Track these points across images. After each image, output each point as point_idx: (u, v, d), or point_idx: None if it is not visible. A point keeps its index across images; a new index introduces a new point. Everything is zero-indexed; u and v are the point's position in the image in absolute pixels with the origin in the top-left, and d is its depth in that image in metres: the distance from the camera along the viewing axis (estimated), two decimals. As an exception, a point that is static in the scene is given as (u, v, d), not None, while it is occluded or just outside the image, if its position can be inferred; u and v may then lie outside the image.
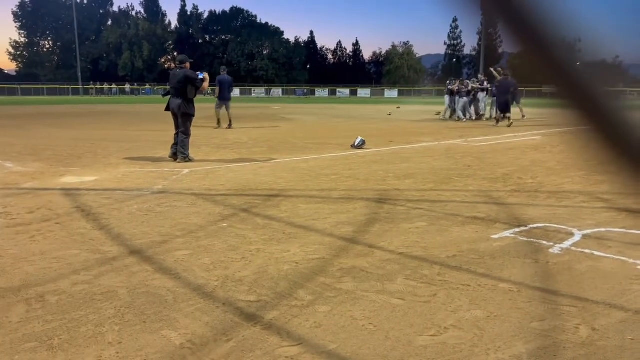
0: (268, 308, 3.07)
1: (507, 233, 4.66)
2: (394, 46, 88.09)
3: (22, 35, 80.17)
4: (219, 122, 16.60)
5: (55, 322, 2.87)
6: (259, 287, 3.39)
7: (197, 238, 4.48)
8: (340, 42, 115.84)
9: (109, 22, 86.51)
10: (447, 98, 22.24)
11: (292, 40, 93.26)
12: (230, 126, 16.41)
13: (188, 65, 9.13)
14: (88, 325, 2.83)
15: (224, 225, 4.92)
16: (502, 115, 17.81)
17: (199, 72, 9.21)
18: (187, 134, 8.98)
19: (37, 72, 77.00)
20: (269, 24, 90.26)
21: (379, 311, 3.03)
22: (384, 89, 73.99)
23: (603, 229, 4.73)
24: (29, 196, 6.14)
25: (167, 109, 9.21)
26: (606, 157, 0.53)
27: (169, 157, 9.07)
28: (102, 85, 65.02)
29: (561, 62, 0.51)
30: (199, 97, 9.42)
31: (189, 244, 4.30)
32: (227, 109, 16.38)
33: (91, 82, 66.33)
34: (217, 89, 16.47)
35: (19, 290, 3.30)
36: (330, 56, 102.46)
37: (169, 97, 9.21)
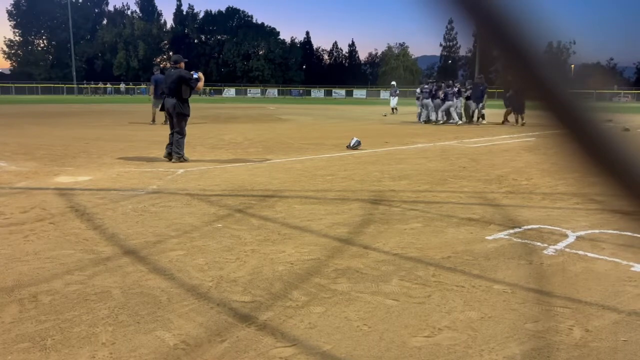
0: (262, 309, 3.06)
1: (501, 234, 4.67)
2: (389, 47, 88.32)
3: (17, 34, 79.88)
4: (154, 119, 17.27)
5: (49, 322, 2.85)
6: (253, 287, 3.38)
7: (192, 238, 4.47)
8: (336, 42, 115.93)
9: (104, 21, 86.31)
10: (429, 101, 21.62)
11: (288, 40, 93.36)
12: (165, 122, 16.79)
13: (182, 65, 9.10)
14: (81, 325, 2.82)
15: (219, 225, 4.91)
16: (521, 115, 18.02)
17: (193, 72, 9.18)
18: (182, 133, 8.96)
19: (31, 70, 76.67)
20: (265, 24, 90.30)
21: (374, 312, 3.03)
22: (379, 90, 74.02)
23: (597, 231, 4.76)
24: (23, 196, 6.11)
25: (162, 108, 9.19)
26: (577, 161, 0.53)
27: (164, 157, 9.04)
28: (97, 84, 64.79)
29: (529, 63, 0.51)
30: (194, 96, 9.40)
31: (184, 244, 4.29)
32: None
33: (85, 81, 66.12)
34: (151, 87, 17.27)
35: (12, 290, 3.28)
36: (326, 57, 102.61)
37: (163, 97, 9.19)
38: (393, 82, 26.96)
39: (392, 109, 26.33)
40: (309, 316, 2.97)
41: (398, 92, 26.84)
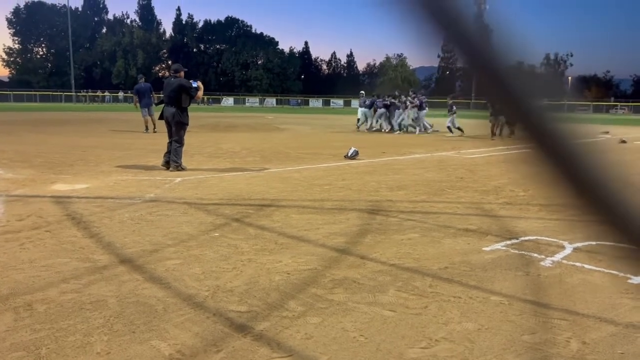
0: (259, 319, 3.05)
1: (498, 245, 4.67)
2: (387, 58, 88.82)
3: (16, 42, 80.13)
4: (147, 127, 17.70)
5: (43, 331, 2.83)
6: (249, 297, 3.37)
7: (189, 247, 4.45)
8: (334, 53, 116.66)
9: (104, 30, 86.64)
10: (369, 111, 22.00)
11: (286, 50, 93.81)
12: (154, 130, 17.20)
13: (182, 74, 9.13)
14: (76, 334, 2.80)
15: (216, 234, 4.90)
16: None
17: (192, 81, 9.21)
18: (180, 142, 8.96)
19: (30, 78, 76.79)
20: (264, 34, 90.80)
21: (370, 323, 3.02)
22: (377, 100, 74.13)
23: (594, 242, 4.76)
24: (19, 203, 6.09)
25: (161, 117, 9.20)
26: (548, 177, 0.53)
27: (162, 165, 9.03)
28: (95, 92, 64.89)
29: (497, 73, 0.51)
30: (192, 105, 9.42)
31: (180, 253, 4.27)
32: (150, 114, 17.34)
33: (82, 90, 66.17)
34: (135, 97, 17.85)
35: (7, 299, 3.26)
36: (324, 67, 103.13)
37: (162, 105, 9.20)
38: (362, 92, 25.01)
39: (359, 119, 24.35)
40: (306, 326, 2.96)
41: (367, 102, 24.88)
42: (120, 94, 67.46)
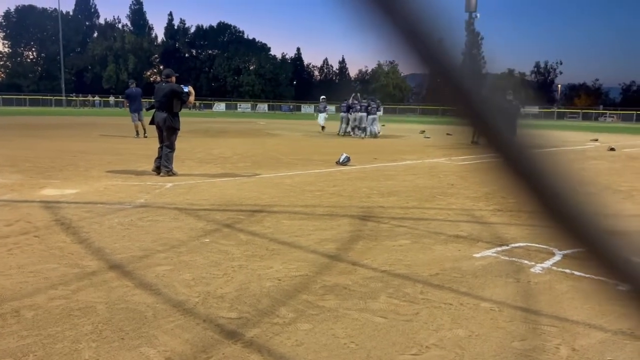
0: (249, 325, 3.03)
1: (489, 252, 4.69)
2: (379, 65, 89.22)
3: (6, 45, 79.79)
4: (137, 132, 17.67)
5: (31, 337, 2.80)
6: (240, 303, 3.35)
7: (179, 253, 4.43)
8: (326, 59, 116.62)
9: (95, 34, 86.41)
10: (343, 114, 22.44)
11: (278, 56, 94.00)
12: (145, 135, 17.20)
13: (174, 79, 9.11)
14: (64, 341, 2.77)
15: (206, 240, 4.88)
16: None
17: (183, 86, 9.18)
18: (171, 147, 8.92)
19: (19, 82, 76.40)
20: (256, 40, 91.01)
21: (361, 329, 3.02)
22: (369, 107, 74.40)
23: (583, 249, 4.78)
24: (7, 208, 6.03)
25: (152, 122, 9.16)
26: (510, 185, 0.52)
27: (152, 170, 8.99)
28: (86, 97, 64.56)
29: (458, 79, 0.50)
30: (183, 110, 9.39)
31: (170, 259, 4.25)
32: (140, 119, 17.41)
33: (73, 94, 65.83)
34: (125, 102, 18.01)
35: (-6, 305, 3.22)
36: (316, 73, 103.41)
37: (153, 110, 9.16)
38: (323, 97, 24.64)
39: (322, 127, 23.85)
40: (296, 333, 2.94)
41: (327, 107, 24.35)
42: (111, 99, 67.18)
